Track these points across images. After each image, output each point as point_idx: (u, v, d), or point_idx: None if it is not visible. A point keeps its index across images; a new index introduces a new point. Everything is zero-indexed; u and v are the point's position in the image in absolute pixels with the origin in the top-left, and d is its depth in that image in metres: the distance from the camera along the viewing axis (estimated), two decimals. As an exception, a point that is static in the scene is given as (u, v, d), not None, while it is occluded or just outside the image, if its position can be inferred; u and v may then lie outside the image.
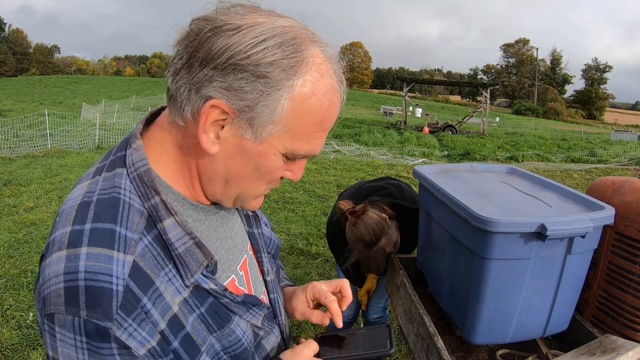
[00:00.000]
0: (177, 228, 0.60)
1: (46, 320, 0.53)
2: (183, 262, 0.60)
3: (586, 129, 32.11)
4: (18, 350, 2.66)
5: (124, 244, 0.55)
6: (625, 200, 1.33)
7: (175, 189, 0.64)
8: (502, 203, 1.32)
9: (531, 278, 1.18)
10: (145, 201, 0.59)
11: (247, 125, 0.57)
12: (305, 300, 0.84)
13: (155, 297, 0.56)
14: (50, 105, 21.69)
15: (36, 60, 77.93)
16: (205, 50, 0.54)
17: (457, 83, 28.69)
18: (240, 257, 0.75)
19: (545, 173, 9.69)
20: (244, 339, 0.67)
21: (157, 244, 0.59)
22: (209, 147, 0.58)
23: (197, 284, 0.61)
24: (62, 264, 0.53)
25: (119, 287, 0.53)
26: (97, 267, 0.52)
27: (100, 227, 0.55)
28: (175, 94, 0.58)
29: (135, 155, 0.61)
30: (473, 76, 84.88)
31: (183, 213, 0.64)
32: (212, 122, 0.56)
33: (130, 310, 0.53)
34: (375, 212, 1.69)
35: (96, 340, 0.51)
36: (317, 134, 0.60)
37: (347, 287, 0.82)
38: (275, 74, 0.54)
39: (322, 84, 0.57)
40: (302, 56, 0.55)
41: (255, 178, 0.62)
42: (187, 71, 0.56)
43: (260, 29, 0.54)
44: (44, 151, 9.31)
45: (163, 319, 0.57)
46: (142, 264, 0.56)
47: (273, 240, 0.91)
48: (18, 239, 4.35)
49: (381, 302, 2.25)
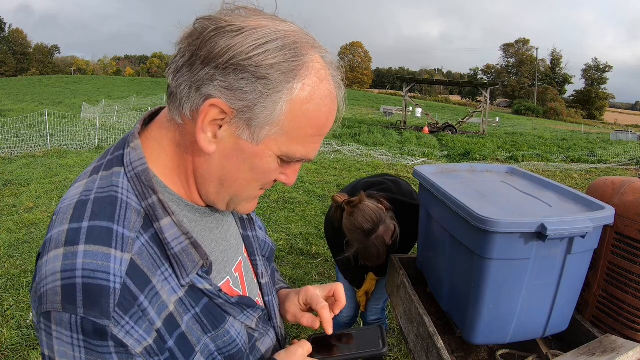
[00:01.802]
0: (174, 228, 0.60)
1: (42, 318, 0.52)
2: (179, 261, 0.60)
3: (586, 129, 32.12)
4: (18, 350, 2.66)
5: (122, 242, 0.55)
6: (625, 200, 1.33)
7: (172, 189, 0.64)
8: (502, 203, 1.32)
9: (531, 278, 1.18)
10: (142, 200, 0.60)
11: (245, 126, 0.57)
12: (298, 304, 0.84)
13: (152, 296, 0.56)
14: (50, 105, 21.69)
15: (36, 60, 77.93)
16: (208, 50, 0.54)
17: (457, 83, 28.72)
18: (235, 259, 0.75)
19: (545, 173, 9.69)
20: (238, 339, 0.68)
21: (153, 243, 0.59)
22: (206, 146, 0.58)
23: (192, 284, 0.61)
24: (60, 261, 0.52)
25: (117, 285, 0.53)
26: (94, 265, 0.52)
27: (97, 225, 0.55)
28: (176, 92, 0.58)
29: (134, 154, 0.61)
30: (473, 76, 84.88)
31: (179, 213, 0.64)
32: (211, 121, 0.57)
33: (127, 308, 0.53)
34: (372, 202, 1.68)
35: (93, 338, 0.51)
36: (313, 139, 0.61)
37: (341, 291, 0.82)
38: (275, 76, 0.55)
39: (321, 89, 0.58)
40: (303, 61, 0.56)
41: (249, 180, 0.63)
42: (188, 69, 0.56)
43: (262, 32, 0.55)
44: (44, 151, 9.31)
45: (159, 318, 0.57)
46: (139, 262, 0.56)
47: (267, 243, 0.91)
48: (18, 239, 4.35)
49: (379, 303, 2.24)
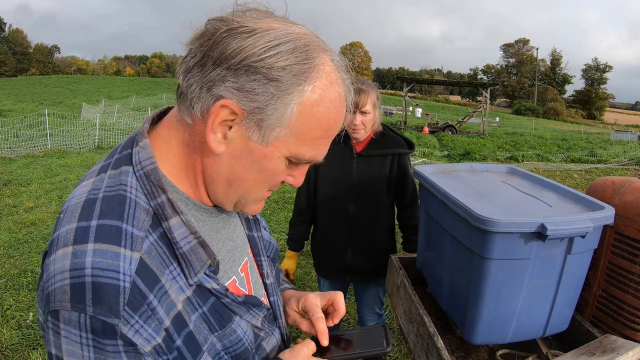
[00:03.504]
0: (182, 227, 0.61)
1: (50, 317, 0.52)
2: (187, 261, 0.60)
3: (586, 129, 32.13)
4: (18, 350, 2.67)
5: (131, 241, 0.55)
6: (625, 200, 1.33)
7: (180, 189, 0.64)
8: (502, 203, 1.32)
9: (531, 278, 1.18)
10: (151, 199, 0.60)
11: (255, 127, 0.57)
12: (296, 309, 0.85)
13: (161, 295, 0.56)
14: (50, 105, 21.70)
15: (36, 60, 77.96)
16: (220, 50, 0.55)
17: (457, 83, 28.75)
18: (241, 259, 0.76)
19: (545, 173, 9.69)
20: (244, 339, 0.68)
21: (162, 242, 0.59)
22: (215, 147, 0.58)
23: (200, 283, 0.62)
24: (68, 260, 0.52)
25: (126, 284, 0.52)
26: (104, 264, 0.52)
27: (106, 224, 0.55)
28: (186, 92, 0.58)
29: (142, 153, 0.61)
30: (473, 76, 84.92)
31: (187, 213, 0.64)
32: (221, 121, 0.57)
33: (137, 306, 0.53)
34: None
35: (102, 337, 0.51)
36: (322, 141, 0.62)
37: (340, 300, 0.82)
38: (286, 78, 0.55)
39: (331, 92, 0.59)
40: (314, 63, 0.57)
41: (258, 181, 0.63)
42: (199, 69, 0.56)
43: (274, 34, 0.55)
44: (44, 151, 9.32)
45: (168, 317, 0.57)
46: (148, 262, 0.56)
47: (272, 244, 0.91)
48: (18, 239, 4.35)
49: (373, 309, 2.21)
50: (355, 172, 1.95)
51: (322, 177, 2.03)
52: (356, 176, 1.96)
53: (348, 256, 2.05)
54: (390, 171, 1.96)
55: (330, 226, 2.06)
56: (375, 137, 1.97)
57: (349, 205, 1.98)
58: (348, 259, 2.05)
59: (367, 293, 2.18)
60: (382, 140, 1.97)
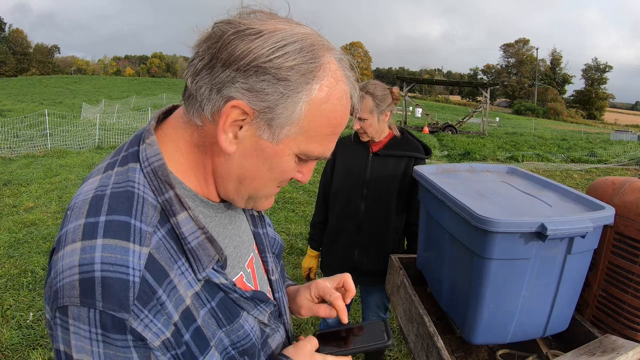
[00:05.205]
0: (190, 222, 0.61)
1: (58, 313, 0.52)
2: (195, 256, 0.61)
3: (586, 129, 32.14)
4: (18, 350, 2.67)
5: (140, 236, 0.55)
6: (625, 200, 1.33)
7: (187, 185, 0.65)
8: (502, 203, 1.32)
9: (531, 278, 1.18)
10: (158, 195, 0.60)
11: (265, 126, 0.58)
12: (310, 297, 0.87)
13: (169, 289, 0.57)
14: (50, 105, 21.70)
15: (36, 60, 77.96)
16: (228, 52, 0.56)
17: (457, 83, 28.76)
18: (247, 255, 0.77)
19: (545, 173, 9.69)
20: (252, 334, 0.68)
21: (170, 237, 0.59)
22: (227, 147, 0.59)
23: (208, 278, 0.62)
24: (77, 255, 0.52)
25: (136, 279, 0.53)
26: (113, 259, 0.52)
27: (115, 220, 0.55)
28: (195, 94, 0.59)
29: (150, 150, 0.62)
30: (473, 76, 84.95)
31: (194, 209, 0.65)
32: (232, 122, 0.58)
33: (146, 301, 0.53)
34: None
35: (112, 332, 0.51)
36: (330, 137, 0.63)
37: (350, 281, 0.85)
38: (295, 77, 0.56)
39: (337, 90, 0.60)
40: (320, 62, 0.58)
41: (268, 178, 0.64)
42: (208, 72, 0.57)
43: (281, 35, 0.56)
44: (44, 151, 9.32)
45: (177, 311, 0.57)
46: (157, 257, 0.57)
47: (277, 240, 0.92)
48: (18, 239, 4.36)
49: (377, 314, 2.21)
50: (369, 170, 1.98)
51: (337, 173, 2.07)
52: (370, 174, 1.98)
53: (355, 256, 2.05)
54: (404, 174, 1.97)
55: (340, 223, 2.07)
56: (394, 139, 1.99)
57: (360, 202, 1.99)
58: (354, 259, 2.06)
59: (371, 298, 2.19)
60: (400, 143, 1.99)
